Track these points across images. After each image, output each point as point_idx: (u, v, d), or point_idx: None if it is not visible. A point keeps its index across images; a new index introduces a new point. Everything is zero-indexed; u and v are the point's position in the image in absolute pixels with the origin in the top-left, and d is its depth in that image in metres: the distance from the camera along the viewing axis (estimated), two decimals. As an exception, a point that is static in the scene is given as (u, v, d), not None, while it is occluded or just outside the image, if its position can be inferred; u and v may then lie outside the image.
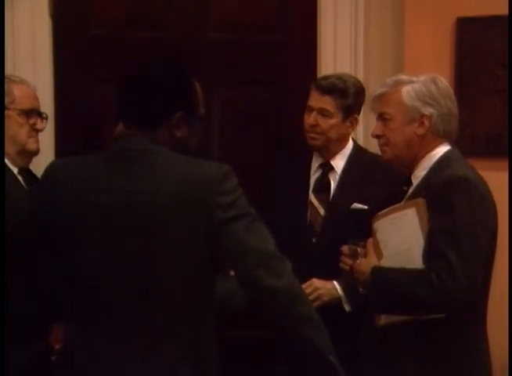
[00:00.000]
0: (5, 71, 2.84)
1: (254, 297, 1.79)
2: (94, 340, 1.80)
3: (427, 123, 2.18)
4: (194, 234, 1.74)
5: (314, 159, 2.73)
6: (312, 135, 2.65)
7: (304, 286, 2.35)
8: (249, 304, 1.86)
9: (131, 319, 1.77)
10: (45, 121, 2.58)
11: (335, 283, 2.56)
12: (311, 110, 2.65)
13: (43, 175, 1.91)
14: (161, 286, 1.76)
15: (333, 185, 2.67)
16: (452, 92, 2.23)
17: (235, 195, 1.77)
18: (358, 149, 2.74)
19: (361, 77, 2.96)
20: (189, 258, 1.76)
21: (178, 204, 1.73)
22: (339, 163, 2.69)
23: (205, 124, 1.94)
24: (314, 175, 2.71)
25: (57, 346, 2.26)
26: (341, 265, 2.31)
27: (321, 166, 2.71)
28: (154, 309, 1.77)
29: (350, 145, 2.72)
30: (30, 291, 2.27)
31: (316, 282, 2.54)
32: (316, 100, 2.64)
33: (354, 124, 2.68)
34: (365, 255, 2.22)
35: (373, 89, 2.49)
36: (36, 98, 2.55)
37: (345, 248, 2.31)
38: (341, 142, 2.69)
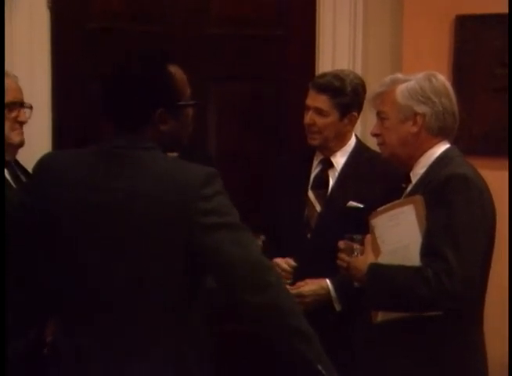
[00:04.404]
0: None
1: (237, 311, 1.75)
2: (81, 339, 1.79)
3: (420, 121, 2.17)
4: (173, 237, 1.71)
5: (315, 155, 2.71)
6: (310, 134, 2.64)
7: (292, 292, 2.37)
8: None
9: (116, 319, 1.76)
10: (28, 110, 2.53)
11: (327, 281, 2.56)
12: (308, 108, 2.63)
13: (35, 169, 1.90)
14: (143, 286, 1.74)
15: (331, 182, 2.66)
16: (449, 89, 2.21)
17: (217, 201, 1.72)
18: (359, 146, 2.71)
19: (359, 73, 2.95)
20: (170, 260, 1.73)
21: (156, 207, 1.70)
22: (339, 160, 2.67)
23: (196, 108, 1.90)
24: (314, 172, 2.70)
25: (49, 338, 2.28)
26: (338, 262, 2.30)
27: (321, 162, 2.70)
28: (139, 310, 1.75)
29: (352, 142, 2.70)
30: (21, 282, 2.27)
31: (306, 289, 2.54)
32: (312, 99, 2.62)
33: (353, 121, 2.66)
34: (363, 252, 2.22)
35: (370, 86, 2.49)
36: (18, 89, 2.50)
37: (341, 243, 2.31)
38: (341, 140, 2.67)
